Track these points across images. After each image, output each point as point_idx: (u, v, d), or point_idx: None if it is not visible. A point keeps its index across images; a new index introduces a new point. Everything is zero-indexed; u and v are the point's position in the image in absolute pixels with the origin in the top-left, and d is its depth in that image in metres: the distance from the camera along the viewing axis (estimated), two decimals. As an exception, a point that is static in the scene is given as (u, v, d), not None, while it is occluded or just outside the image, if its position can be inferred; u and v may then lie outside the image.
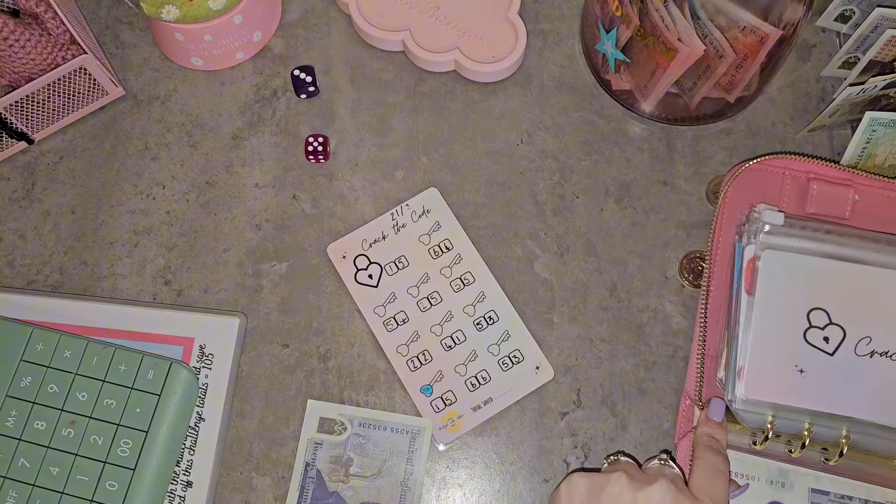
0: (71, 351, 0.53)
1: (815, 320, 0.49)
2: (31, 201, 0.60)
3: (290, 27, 0.64)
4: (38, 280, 0.58)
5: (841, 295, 0.49)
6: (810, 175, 0.54)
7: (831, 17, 0.61)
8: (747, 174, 0.54)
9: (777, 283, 0.49)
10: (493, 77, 0.61)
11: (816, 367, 0.48)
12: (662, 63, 0.53)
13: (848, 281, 0.49)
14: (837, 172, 0.54)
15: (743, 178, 0.54)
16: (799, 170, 0.54)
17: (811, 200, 0.53)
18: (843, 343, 0.48)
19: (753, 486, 0.50)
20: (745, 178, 0.54)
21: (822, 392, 0.48)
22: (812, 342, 0.48)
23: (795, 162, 0.54)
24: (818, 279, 0.49)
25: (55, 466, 0.51)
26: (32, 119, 0.59)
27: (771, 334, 0.49)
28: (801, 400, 0.48)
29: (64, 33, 0.58)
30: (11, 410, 0.52)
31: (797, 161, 0.54)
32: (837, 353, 0.48)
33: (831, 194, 0.53)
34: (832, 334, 0.48)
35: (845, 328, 0.48)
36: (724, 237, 0.53)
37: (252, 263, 0.58)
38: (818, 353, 0.48)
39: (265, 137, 0.61)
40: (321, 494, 0.53)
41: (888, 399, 0.47)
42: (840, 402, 0.47)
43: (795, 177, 0.54)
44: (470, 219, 0.59)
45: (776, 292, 0.49)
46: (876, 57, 0.53)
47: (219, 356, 0.55)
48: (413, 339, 0.55)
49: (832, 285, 0.49)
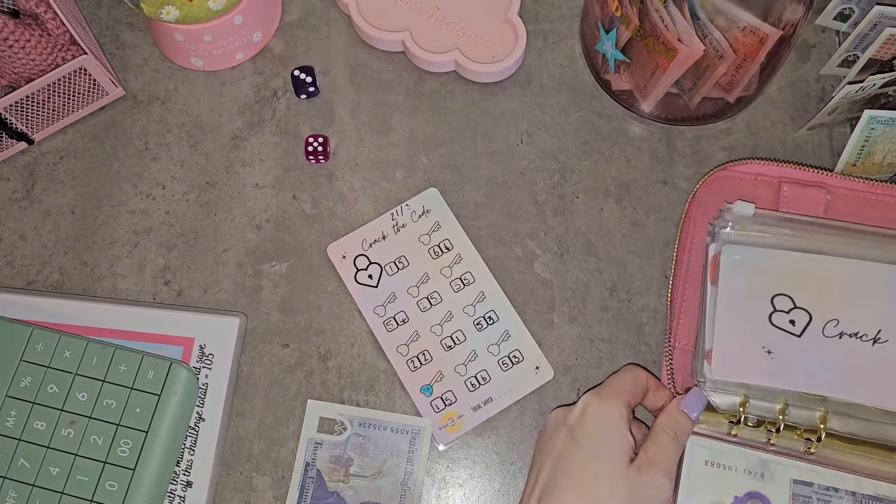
0: (71, 351, 0.53)
1: (779, 305, 0.49)
2: (31, 201, 0.60)
3: (290, 27, 0.64)
4: (38, 280, 0.58)
5: (805, 282, 0.50)
6: (782, 179, 0.55)
7: (830, 15, 0.61)
8: (716, 180, 0.55)
9: (739, 273, 0.50)
10: (492, 77, 0.61)
11: (784, 348, 0.48)
12: (662, 63, 0.53)
13: (812, 269, 0.50)
14: (809, 175, 0.55)
15: (714, 185, 0.55)
16: (771, 175, 0.55)
17: (783, 203, 0.54)
18: (810, 325, 0.49)
19: (730, 477, 0.50)
20: (716, 185, 0.55)
21: (792, 372, 0.48)
22: (778, 325, 0.49)
23: (767, 167, 0.55)
24: (780, 268, 0.50)
25: (55, 466, 0.51)
26: (32, 119, 0.59)
27: (736, 319, 0.49)
28: (771, 380, 0.48)
29: (64, 34, 0.58)
30: (11, 410, 0.52)
31: (768, 166, 0.55)
32: (805, 334, 0.48)
33: (803, 196, 0.54)
34: (798, 317, 0.49)
35: (811, 311, 0.49)
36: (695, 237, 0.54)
37: (252, 263, 0.58)
38: (785, 335, 0.49)
39: (265, 138, 0.61)
40: (321, 494, 0.53)
41: (861, 378, 0.48)
42: (812, 381, 0.48)
43: (768, 182, 0.55)
44: (470, 219, 0.59)
45: (739, 281, 0.50)
46: (875, 55, 0.53)
47: (219, 356, 0.55)
48: (413, 339, 0.55)
49: (795, 274, 0.50)
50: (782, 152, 0.60)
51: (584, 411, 0.48)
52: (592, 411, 0.47)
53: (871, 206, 0.54)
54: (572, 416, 0.48)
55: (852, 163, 0.55)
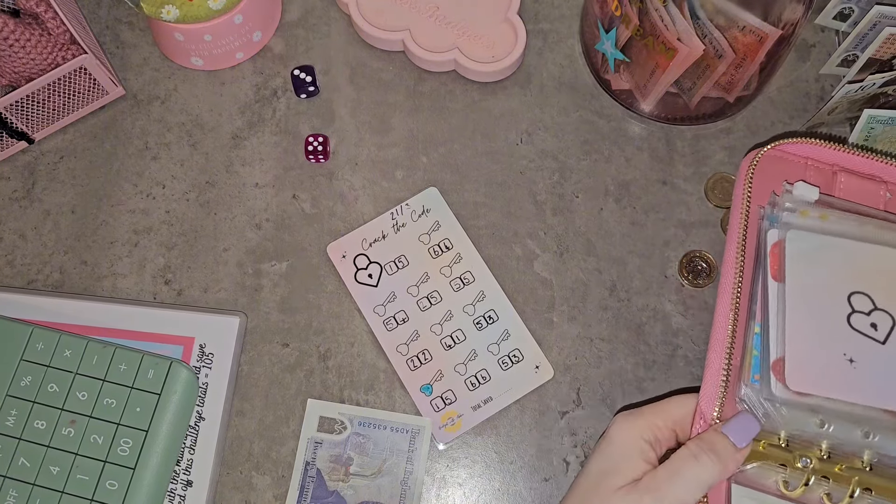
0: (71, 350, 0.53)
1: (857, 305, 0.42)
2: (32, 201, 0.60)
3: (289, 27, 0.64)
4: (39, 280, 0.58)
5: (884, 279, 0.43)
6: (836, 167, 0.48)
7: (830, 15, 0.61)
8: (766, 162, 0.48)
9: (808, 265, 0.43)
10: (492, 77, 0.61)
11: (868, 357, 0.41)
12: (662, 63, 0.53)
13: (889, 264, 0.43)
14: (867, 163, 0.48)
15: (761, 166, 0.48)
16: (825, 161, 0.48)
17: (838, 196, 0.47)
18: (895, 330, 0.42)
19: None
20: (764, 167, 0.48)
21: (879, 385, 0.41)
22: (858, 328, 0.42)
23: (821, 150, 0.48)
24: (854, 261, 0.43)
25: (55, 466, 0.51)
26: (32, 119, 0.59)
27: (810, 319, 0.42)
28: (856, 394, 0.41)
29: (64, 33, 0.58)
30: (11, 410, 0.52)
31: (823, 149, 0.48)
32: (889, 341, 0.42)
33: (861, 189, 0.47)
34: (880, 320, 0.42)
35: (894, 315, 0.42)
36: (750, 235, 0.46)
37: (252, 263, 0.58)
38: (867, 341, 0.42)
39: (265, 137, 0.61)
40: (321, 493, 0.53)
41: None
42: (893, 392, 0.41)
43: (820, 169, 0.48)
44: (470, 218, 0.59)
45: (808, 275, 0.43)
46: (874, 55, 0.53)
47: (219, 355, 0.55)
48: (413, 339, 0.56)
49: (871, 268, 0.43)
50: (782, 152, 0.60)
51: (607, 427, 0.44)
52: (611, 429, 0.43)
53: None
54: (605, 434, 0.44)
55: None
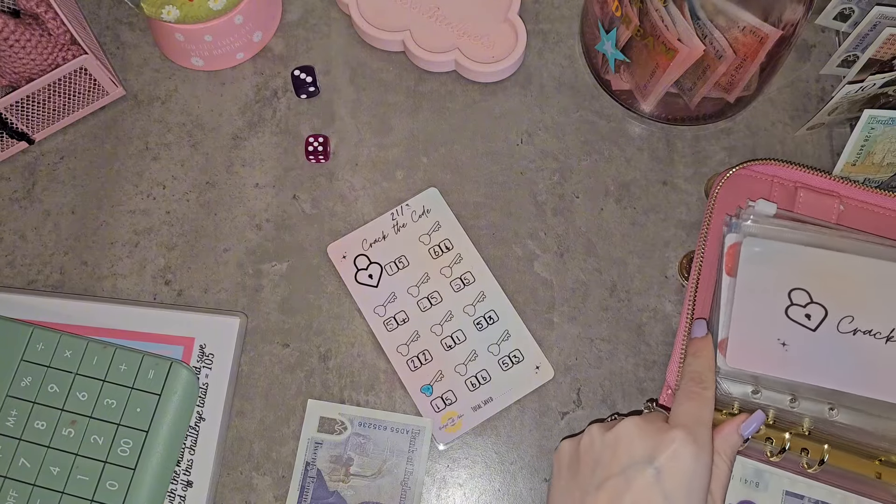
0: (71, 351, 0.53)
1: (796, 298, 0.49)
2: (32, 201, 0.60)
3: (290, 27, 0.64)
4: (39, 280, 0.58)
5: (823, 278, 0.50)
6: (798, 184, 0.54)
7: (830, 15, 0.61)
8: (735, 179, 0.55)
9: (758, 265, 0.50)
10: (493, 77, 0.61)
11: (799, 342, 0.48)
12: (662, 63, 0.53)
13: (830, 266, 0.50)
14: (824, 182, 0.54)
15: (732, 182, 0.55)
16: (787, 178, 0.55)
17: (798, 208, 0.54)
18: (826, 320, 0.49)
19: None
20: (734, 182, 0.55)
21: (806, 364, 0.48)
22: (794, 318, 0.49)
23: (784, 170, 0.55)
24: (799, 263, 0.50)
25: (55, 466, 0.51)
26: (33, 119, 0.59)
27: (752, 310, 0.49)
28: (784, 371, 0.48)
29: (64, 33, 0.58)
30: (12, 410, 0.52)
31: (786, 169, 0.55)
32: (820, 328, 0.48)
33: (818, 203, 0.54)
34: (814, 312, 0.49)
35: (827, 307, 0.49)
36: (712, 238, 0.54)
37: (252, 263, 0.58)
38: (800, 329, 0.49)
39: (265, 137, 0.61)
40: (321, 494, 0.53)
41: (872, 374, 0.48)
42: (824, 374, 0.48)
43: (784, 185, 0.54)
44: (470, 219, 0.59)
45: (757, 273, 0.50)
46: (875, 55, 0.53)
47: (219, 356, 0.55)
48: (413, 339, 0.56)
49: (814, 269, 0.50)
50: (782, 152, 0.60)
51: (679, 456, 0.41)
52: (689, 459, 0.41)
53: (882, 220, 0.54)
54: (662, 455, 0.41)
55: (852, 162, 0.55)
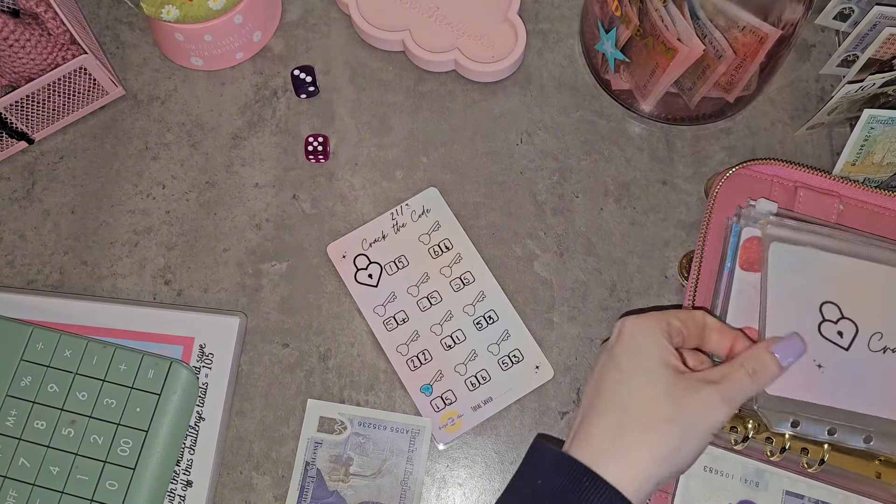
0: (71, 350, 0.53)
1: (827, 314, 0.47)
2: (32, 201, 0.60)
3: (289, 27, 0.64)
4: (39, 280, 0.58)
5: (850, 290, 0.48)
6: (798, 184, 0.54)
7: (830, 15, 0.61)
8: (735, 178, 0.54)
9: (787, 275, 0.48)
10: (492, 77, 0.61)
11: (834, 363, 0.46)
12: (662, 63, 0.53)
13: (856, 276, 0.48)
14: (824, 182, 0.54)
15: (732, 182, 0.54)
16: (787, 178, 0.54)
17: (797, 207, 0.53)
18: (857, 338, 0.47)
19: (726, 483, 0.50)
20: (734, 182, 0.54)
21: (843, 388, 0.46)
22: (827, 336, 0.47)
23: (784, 170, 0.54)
24: (827, 273, 0.48)
25: (55, 466, 0.51)
26: (32, 119, 0.59)
27: (787, 327, 0.47)
28: (822, 396, 0.46)
29: (64, 33, 0.58)
30: (11, 410, 0.52)
31: (786, 169, 0.54)
32: (852, 347, 0.47)
33: (817, 203, 0.53)
34: (845, 329, 0.47)
35: (857, 323, 0.47)
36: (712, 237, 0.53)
37: (252, 263, 0.58)
38: (834, 348, 0.47)
39: (265, 137, 0.61)
40: (321, 494, 0.53)
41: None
42: (861, 399, 0.46)
43: (783, 185, 0.54)
44: (470, 218, 0.59)
45: (787, 284, 0.48)
46: (874, 55, 0.53)
47: (219, 356, 0.55)
48: (413, 339, 0.56)
49: (841, 280, 0.48)
50: (782, 152, 0.60)
51: (621, 330, 0.44)
52: (628, 328, 0.44)
53: (882, 220, 0.54)
54: (612, 339, 0.45)
55: (852, 162, 0.55)
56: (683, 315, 0.45)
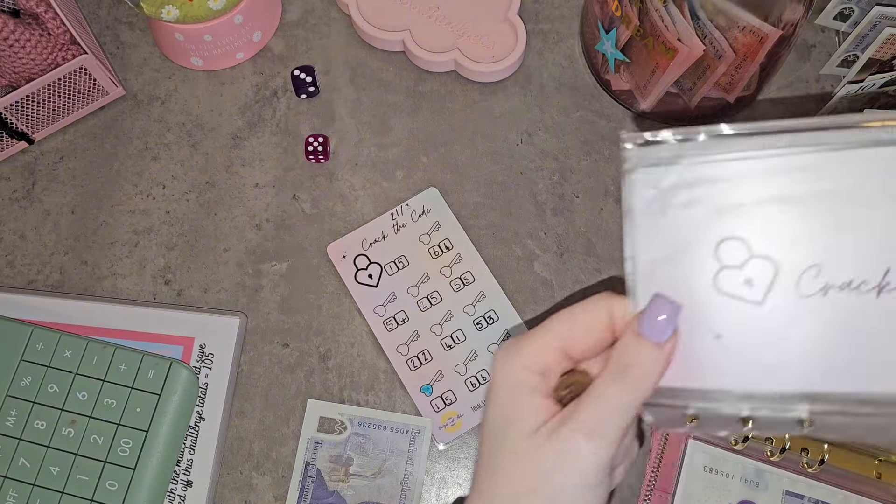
0: (71, 351, 0.53)
1: (727, 257, 0.32)
2: (32, 201, 0.60)
3: (290, 27, 0.64)
4: (39, 280, 0.58)
5: (763, 209, 0.32)
6: None
7: (830, 15, 0.61)
8: None
9: (660, 212, 0.33)
10: (492, 77, 0.61)
11: (739, 327, 0.33)
12: (662, 63, 0.53)
13: (776, 183, 0.31)
14: None
15: None
16: None
17: None
18: (776, 282, 0.32)
19: (727, 483, 0.49)
20: None
21: (755, 361, 0.33)
22: (727, 290, 0.33)
23: None
24: (724, 191, 0.32)
25: (55, 466, 0.51)
26: (32, 119, 0.59)
27: (663, 291, 0.33)
28: (724, 379, 0.33)
29: (64, 33, 0.58)
30: (11, 410, 0.52)
31: None
32: (769, 298, 0.32)
33: None
34: (757, 272, 0.32)
35: (775, 259, 0.32)
36: None
37: (252, 263, 0.58)
38: (738, 304, 0.32)
39: (265, 137, 0.61)
40: (321, 494, 0.53)
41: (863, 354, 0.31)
42: (787, 373, 0.32)
43: None
44: (470, 218, 0.59)
45: (663, 225, 0.33)
46: (875, 55, 0.53)
47: (219, 356, 0.55)
48: (413, 339, 0.56)
49: (748, 194, 0.32)
50: (782, 152, 0.60)
51: (491, 379, 0.36)
52: (495, 372, 0.36)
53: None
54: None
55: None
56: (571, 321, 0.36)
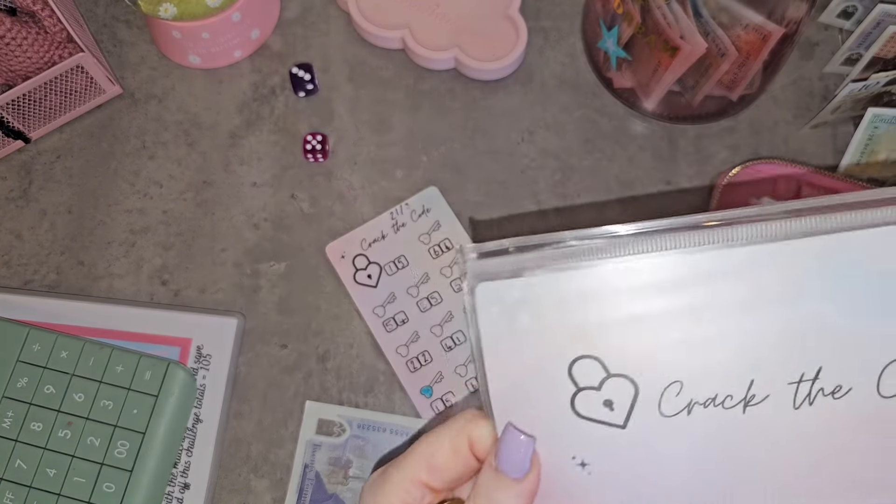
0: (68, 351, 0.53)
1: (582, 378, 0.29)
2: (28, 201, 0.60)
3: (288, 25, 0.64)
4: (35, 280, 0.58)
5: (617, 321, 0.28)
6: (802, 182, 0.53)
7: (833, 13, 0.60)
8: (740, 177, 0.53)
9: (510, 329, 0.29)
10: (493, 75, 0.61)
11: (605, 454, 0.30)
12: (664, 61, 0.53)
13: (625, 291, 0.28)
14: (829, 181, 0.53)
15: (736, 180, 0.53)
16: (791, 177, 0.53)
17: None
18: (638, 402, 0.29)
19: None
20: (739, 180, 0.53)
21: (626, 489, 0.30)
22: (586, 414, 0.29)
23: (788, 168, 0.53)
24: (575, 303, 0.28)
25: (52, 468, 0.51)
26: (29, 118, 0.59)
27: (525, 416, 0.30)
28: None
29: (61, 31, 0.57)
30: (8, 411, 0.52)
31: (790, 168, 0.53)
32: (632, 420, 0.29)
33: None
34: (616, 393, 0.29)
35: (634, 377, 0.29)
36: None
37: (250, 263, 0.58)
38: (602, 429, 0.29)
39: (263, 136, 0.61)
40: (320, 496, 0.52)
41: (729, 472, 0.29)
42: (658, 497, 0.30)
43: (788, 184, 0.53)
44: (470, 218, 0.58)
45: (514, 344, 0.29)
46: (878, 53, 0.53)
47: (216, 357, 0.54)
48: (413, 340, 0.55)
49: (599, 308, 0.28)
50: (785, 151, 0.59)
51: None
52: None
53: None
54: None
55: (856, 161, 0.55)
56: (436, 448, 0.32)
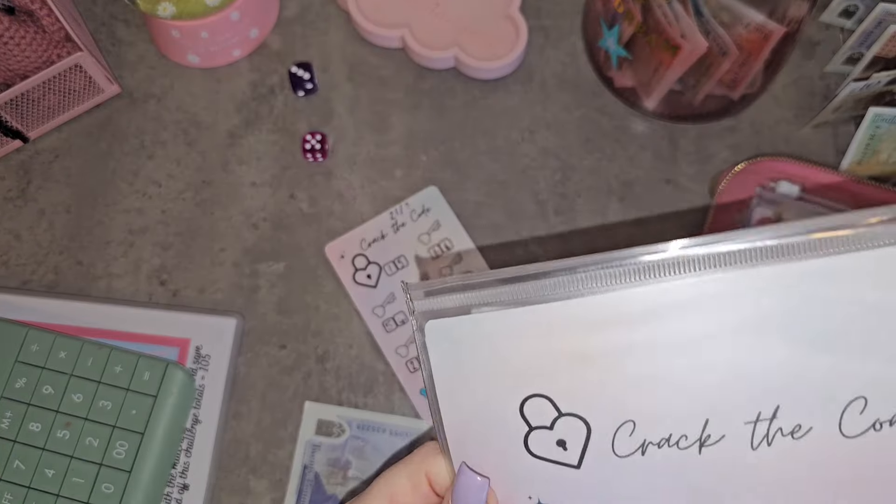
0: (66, 352, 0.53)
1: (534, 416, 0.29)
2: (26, 200, 0.59)
3: (287, 24, 0.63)
4: (33, 280, 0.57)
5: (565, 360, 0.28)
6: (805, 181, 0.53)
7: (835, 12, 0.60)
8: (742, 175, 0.53)
9: (459, 368, 0.29)
10: (493, 74, 0.60)
11: (561, 493, 0.29)
12: (665, 60, 0.53)
13: (570, 329, 0.28)
14: (832, 178, 0.52)
15: (739, 178, 0.52)
16: (794, 175, 0.53)
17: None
18: (591, 441, 0.28)
19: None
20: (741, 179, 0.53)
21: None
22: (540, 454, 0.29)
23: (791, 166, 0.53)
24: (523, 341, 0.28)
25: (50, 468, 0.51)
26: (27, 117, 0.59)
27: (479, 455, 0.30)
28: None
29: (59, 30, 0.57)
30: (6, 412, 0.52)
31: (793, 165, 0.53)
32: (586, 460, 0.29)
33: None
34: (569, 432, 0.28)
35: (586, 417, 0.28)
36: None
37: (249, 263, 0.57)
38: (556, 469, 0.29)
39: (262, 135, 0.61)
40: (319, 497, 0.52)
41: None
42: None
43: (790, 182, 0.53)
44: (470, 218, 0.58)
45: (463, 383, 0.29)
46: (880, 52, 0.53)
47: (215, 357, 0.54)
48: (412, 340, 0.55)
49: (547, 346, 0.28)
50: (787, 150, 0.59)
51: None
52: None
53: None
54: None
55: (857, 161, 0.55)
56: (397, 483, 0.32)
